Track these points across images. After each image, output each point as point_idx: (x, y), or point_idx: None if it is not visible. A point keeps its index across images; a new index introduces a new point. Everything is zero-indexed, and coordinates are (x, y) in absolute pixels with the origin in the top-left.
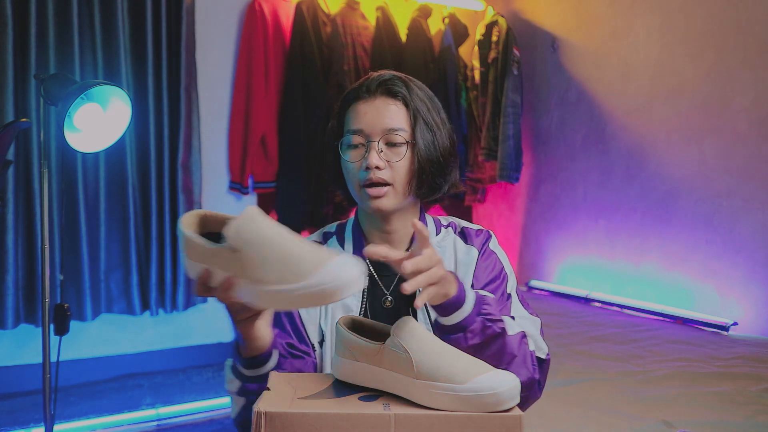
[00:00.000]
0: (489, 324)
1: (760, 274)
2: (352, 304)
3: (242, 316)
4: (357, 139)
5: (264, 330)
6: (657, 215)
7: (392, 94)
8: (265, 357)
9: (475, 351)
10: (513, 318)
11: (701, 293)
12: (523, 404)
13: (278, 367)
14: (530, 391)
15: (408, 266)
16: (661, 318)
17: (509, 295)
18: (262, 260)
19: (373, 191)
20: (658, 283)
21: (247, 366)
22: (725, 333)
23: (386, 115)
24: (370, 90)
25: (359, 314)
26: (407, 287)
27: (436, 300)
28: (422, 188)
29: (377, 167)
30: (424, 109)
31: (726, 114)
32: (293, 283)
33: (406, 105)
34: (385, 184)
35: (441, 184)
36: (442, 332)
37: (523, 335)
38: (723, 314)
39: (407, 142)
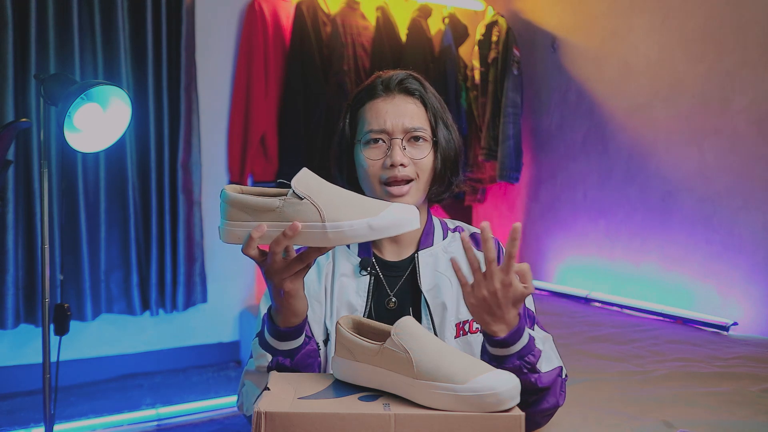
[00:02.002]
0: (525, 371)
1: (760, 274)
2: (357, 304)
3: (287, 273)
4: (377, 137)
5: (302, 292)
6: (657, 215)
7: (410, 93)
8: (301, 327)
9: None
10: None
11: (701, 293)
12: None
13: (302, 349)
14: (551, 416)
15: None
16: (661, 318)
17: (531, 313)
18: (331, 203)
19: (395, 190)
20: (657, 283)
21: (281, 337)
22: (725, 333)
23: (407, 113)
24: (388, 88)
25: (364, 314)
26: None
27: (481, 324)
28: (439, 186)
29: (402, 164)
30: (439, 108)
31: (726, 114)
32: (366, 218)
33: (424, 103)
34: (409, 181)
35: (452, 183)
36: (482, 353)
37: (560, 370)
38: (723, 314)
39: (431, 140)
